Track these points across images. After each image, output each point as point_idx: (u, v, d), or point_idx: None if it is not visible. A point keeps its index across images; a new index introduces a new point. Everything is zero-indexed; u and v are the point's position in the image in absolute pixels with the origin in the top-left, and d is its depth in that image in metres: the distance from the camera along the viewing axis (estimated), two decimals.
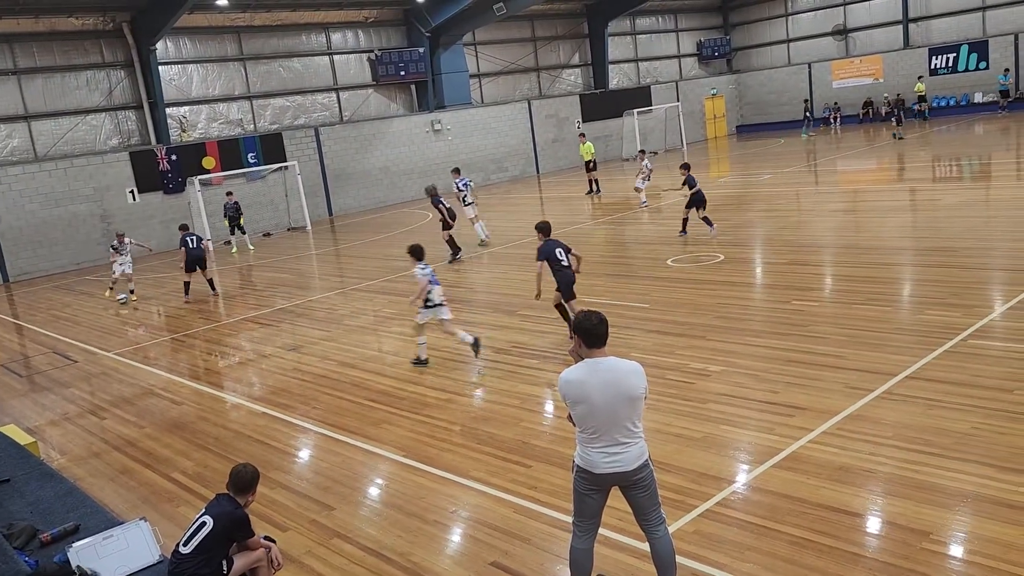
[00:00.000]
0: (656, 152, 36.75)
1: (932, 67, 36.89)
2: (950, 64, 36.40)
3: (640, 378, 4.55)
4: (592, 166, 26.23)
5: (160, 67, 25.50)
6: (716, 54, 43.34)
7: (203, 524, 4.94)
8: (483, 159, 33.67)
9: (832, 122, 38.88)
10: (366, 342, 11.83)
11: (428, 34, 31.00)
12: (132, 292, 17.32)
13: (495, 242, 18.34)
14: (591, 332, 4.54)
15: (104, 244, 24.00)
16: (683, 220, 16.47)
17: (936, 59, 36.85)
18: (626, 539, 5.51)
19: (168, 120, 25.81)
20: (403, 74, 30.95)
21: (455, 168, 20.52)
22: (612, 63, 38.75)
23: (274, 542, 5.36)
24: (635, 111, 36.31)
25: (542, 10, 35.10)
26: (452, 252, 17.10)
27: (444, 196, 17.99)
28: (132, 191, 24.86)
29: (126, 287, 17.35)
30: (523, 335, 11.00)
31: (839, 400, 7.42)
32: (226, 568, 4.99)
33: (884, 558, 5.03)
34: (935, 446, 6.33)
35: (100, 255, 24.03)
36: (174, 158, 25.46)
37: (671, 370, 8.78)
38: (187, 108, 26.83)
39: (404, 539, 6.01)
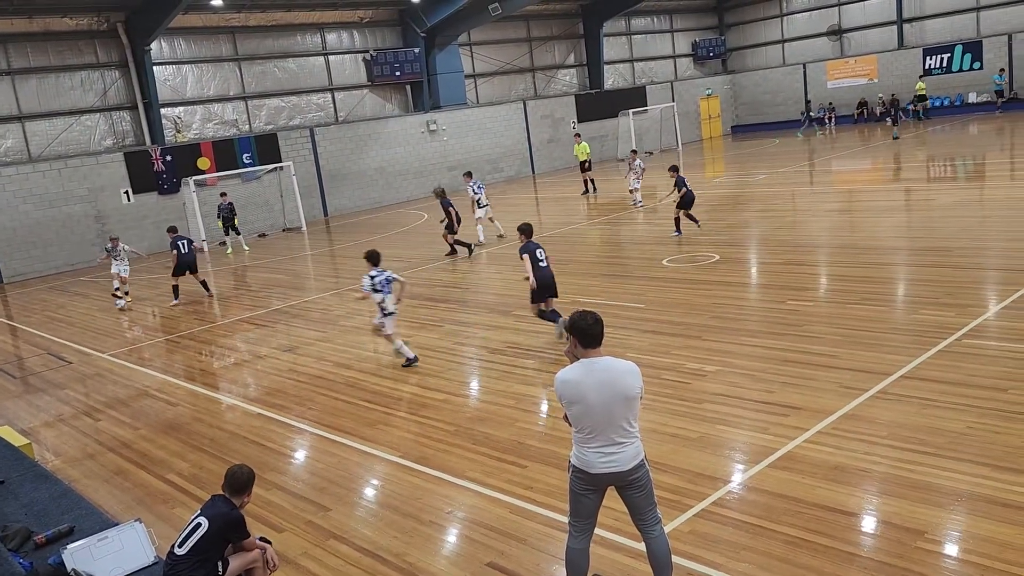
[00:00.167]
0: (651, 152, 36.79)
1: (926, 67, 37.00)
2: (944, 64, 36.52)
3: (636, 378, 4.55)
4: (587, 166, 26.26)
5: (155, 67, 25.45)
6: (711, 54, 43.40)
7: (198, 525, 4.93)
8: (478, 159, 33.66)
9: (827, 122, 38.97)
10: (361, 343, 11.82)
11: (423, 34, 31.00)
12: (127, 294, 17.24)
13: (490, 243, 18.34)
14: (587, 332, 4.53)
15: (99, 245, 23.98)
16: (675, 220, 16.64)
17: (930, 59, 36.96)
18: (622, 539, 5.52)
19: (163, 121, 25.77)
20: (398, 74, 30.95)
21: (467, 172, 20.76)
22: (607, 63, 38.79)
23: (270, 543, 5.36)
24: (630, 111, 36.34)
25: (537, 10, 35.13)
26: (467, 248, 17.28)
27: (454, 198, 18.02)
28: (127, 192, 24.82)
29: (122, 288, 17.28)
30: (518, 335, 11.01)
31: (834, 400, 7.44)
32: (221, 569, 4.98)
33: (879, 557, 5.04)
34: (930, 445, 6.35)
35: (95, 256, 23.96)
36: (169, 159, 25.42)
37: (667, 370, 8.80)
38: (182, 108, 26.78)
39: (400, 540, 6.00)
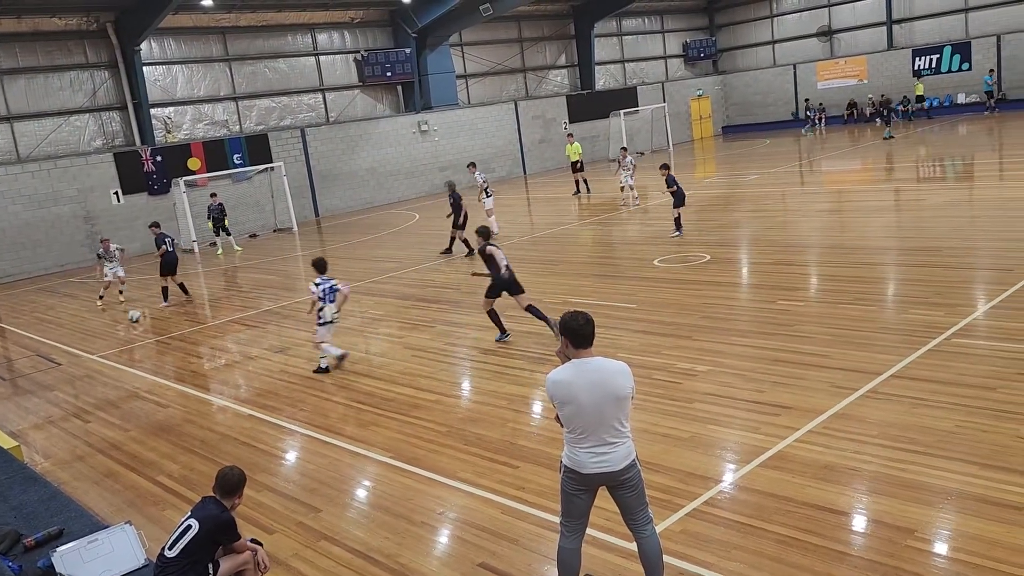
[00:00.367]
0: (642, 153, 36.84)
1: (916, 68, 37.18)
2: (933, 65, 36.70)
3: (627, 378, 4.56)
4: (579, 167, 26.26)
5: (144, 67, 25.34)
6: (702, 55, 43.49)
7: (188, 527, 4.91)
8: (470, 160, 33.51)
9: (817, 123, 39.12)
10: (353, 344, 11.79)
11: (414, 35, 30.96)
12: (121, 292, 17.24)
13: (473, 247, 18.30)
14: (578, 333, 4.54)
15: (88, 246, 23.87)
16: (675, 220, 16.58)
17: (920, 60, 37.13)
18: (614, 539, 5.52)
19: (153, 121, 25.65)
20: (389, 75, 30.90)
21: (471, 163, 21.40)
22: (598, 64, 38.82)
23: (261, 545, 5.34)
24: (621, 112, 36.39)
25: (528, 11, 35.12)
26: (469, 250, 17.34)
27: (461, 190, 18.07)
28: (116, 192, 24.69)
29: (116, 295, 17.27)
30: (510, 336, 10.99)
31: (824, 399, 7.47)
32: (212, 571, 4.97)
33: (869, 556, 5.06)
34: (919, 444, 6.38)
35: (84, 257, 23.88)
36: (159, 159, 25.30)
37: (658, 370, 8.81)
38: (172, 109, 26.68)
39: (391, 541, 6.00)
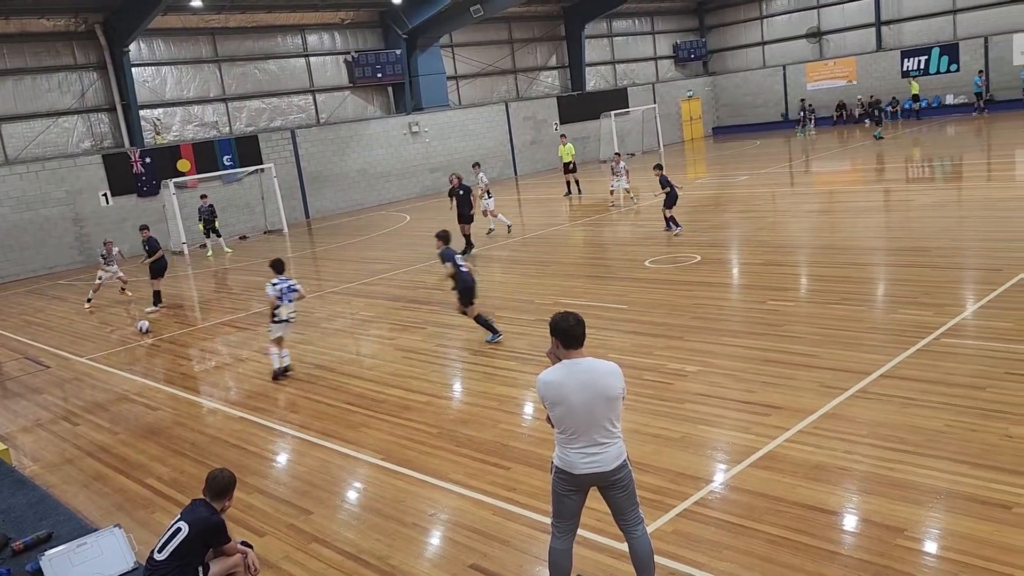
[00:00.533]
0: (632, 154, 36.90)
1: (904, 69, 37.37)
2: (922, 66, 36.89)
3: (617, 378, 4.56)
4: (572, 168, 26.28)
5: (133, 69, 25.22)
6: (692, 56, 43.61)
7: (178, 530, 4.89)
8: (461, 161, 33.53)
9: (799, 125, 39.23)
10: (344, 345, 11.77)
11: (405, 36, 30.93)
12: (123, 291, 17.41)
13: (481, 242, 18.27)
14: (568, 333, 4.54)
15: (76, 247, 23.78)
16: (671, 219, 16.64)
17: (908, 61, 37.33)
18: (605, 539, 5.53)
19: (142, 122, 25.53)
20: (380, 76, 30.86)
21: (476, 163, 21.65)
22: (589, 65, 38.88)
23: (251, 547, 5.32)
24: (612, 113, 36.44)
25: (519, 12, 35.14)
26: (470, 247, 17.52)
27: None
28: (105, 194, 24.56)
29: (120, 294, 17.33)
30: (502, 336, 10.99)
31: (814, 399, 7.49)
32: (202, 574, 4.95)
33: (859, 555, 5.08)
34: (909, 444, 6.41)
35: (73, 259, 23.77)
36: (148, 161, 25.19)
37: (649, 371, 8.82)
38: (161, 110, 26.56)
39: (383, 543, 5.98)
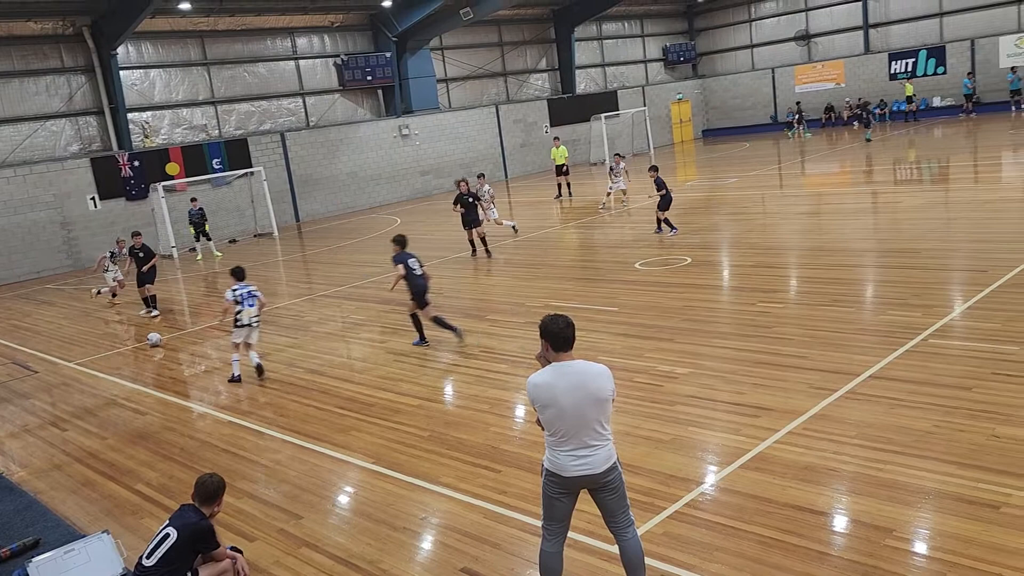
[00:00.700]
0: (624, 156, 36.91)
1: (892, 72, 37.60)
2: (909, 69, 37.12)
3: (607, 380, 4.57)
4: (564, 170, 26.30)
5: (121, 72, 25.11)
6: (682, 59, 43.75)
7: (167, 536, 4.87)
8: (451, 164, 33.62)
9: (795, 126, 39.41)
10: (334, 348, 11.75)
11: (395, 39, 30.92)
12: (115, 295, 17.36)
13: (465, 247, 18.29)
14: (558, 336, 4.54)
15: (64, 251, 23.68)
16: (665, 221, 16.71)
17: (896, 64, 37.56)
18: (595, 542, 5.53)
19: (130, 126, 25.42)
20: (370, 79, 30.83)
21: (481, 173, 22.17)
22: (579, 68, 38.95)
23: (241, 552, 5.31)
24: (602, 116, 36.51)
25: (509, 15, 35.19)
26: (473, 249, 17.78)
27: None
28: (93, 198, 24.44)
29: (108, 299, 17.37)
30: (492, 339, 11.00)
31: (804, 400, 7.52)
32: None
33: (849, 556, 5.10)
34: (897, 444, 6.44)
35: (61, 263, 23.66)
36: (137, 164, 25.07)
37: (639, 373, 8.84)
38: (150, 113, 26.45)
39: (373, 547, 5.97)
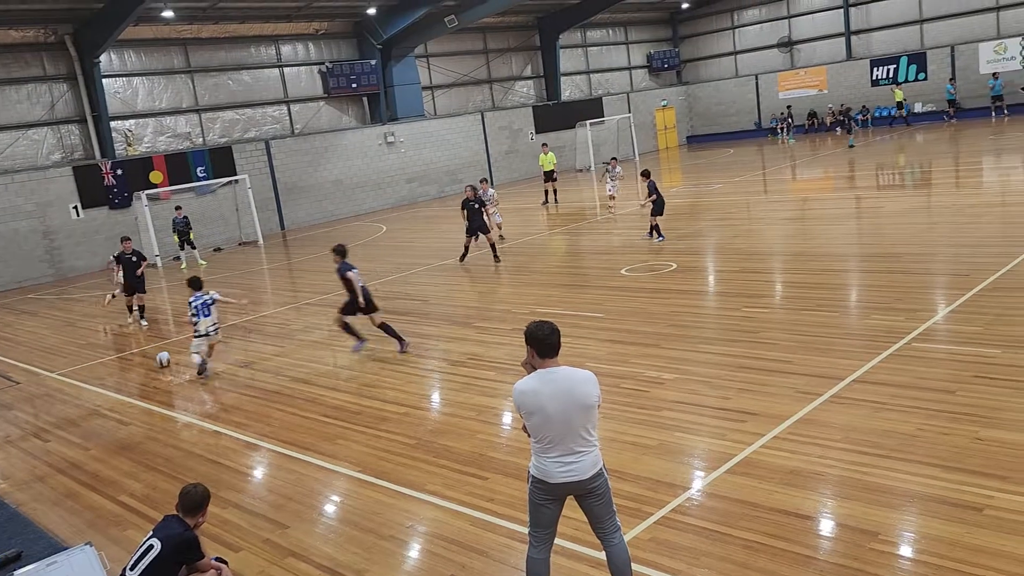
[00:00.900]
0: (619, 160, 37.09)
1: (873, 78, 37.95)
2: (890, 75, 37.49)
3: (593, 387, 4.57)
4: (552, 176, 26.35)
5: (104, 80, 24.96)
6: (666, 66, 43.98)
7: (151, 547, 4.83)
8: (437, 171, 33.64)
9: (780, 132, 39.74)
10: (320, 357, 11.70)
11: (379, 46, 30.91)
12: (113, 296, 16.92)
13: (451, 253, 18.29)
14: (543, 342, 4.54)
15: (47, 261, 23.50)
16: (655, 227, 16.73)
17: (877, 70, 37.92)
18: (582, 548, 5.52)
19: (113, 134, 25.26)
20: (355, 86, 30.80)
21: (484, 179, 22.22)
22: (564, 75, 39.08)
23: (226, 563, 5.27)
24: (587, 122, 36.63)
25: (493, 22, 35.26)
26: (464, 255, 17.42)
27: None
28: (76, 207, 24.26)
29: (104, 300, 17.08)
30: (479, 347, 10.99)
31: (789, 405, 7.55)
32: None
33: (835, 559, 5.12)
34: (882, 448, 6.47)
35: (43, 273, 23.46)
36: (120, 173, 24.92)
37: (625, 378, 8.85)
38: (133, 121, 26.31)
39: (360, 556, 5.94)
